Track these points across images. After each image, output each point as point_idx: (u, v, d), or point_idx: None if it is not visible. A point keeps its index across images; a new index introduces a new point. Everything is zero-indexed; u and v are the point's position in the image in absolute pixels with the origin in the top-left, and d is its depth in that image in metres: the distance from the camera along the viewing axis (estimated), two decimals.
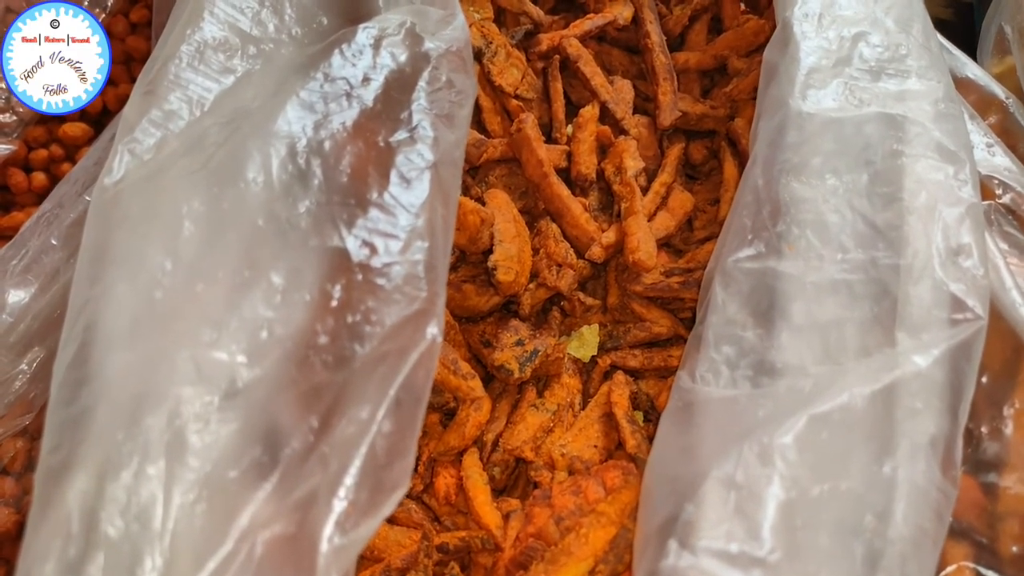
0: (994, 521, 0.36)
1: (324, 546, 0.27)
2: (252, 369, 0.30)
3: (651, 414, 0.45)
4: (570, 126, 0.53)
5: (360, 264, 0.33)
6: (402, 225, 0.34)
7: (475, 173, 0.51)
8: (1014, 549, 0.35)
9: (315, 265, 0.33)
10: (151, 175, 0.34)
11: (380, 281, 0.33)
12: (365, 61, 0.39)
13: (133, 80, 0.63)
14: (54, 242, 0.43)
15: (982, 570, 0.35)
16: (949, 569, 0.36)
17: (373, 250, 0.33)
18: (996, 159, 0.44)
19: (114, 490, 0.27)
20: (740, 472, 0.30)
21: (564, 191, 0.48)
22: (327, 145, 0.35)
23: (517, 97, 0.52)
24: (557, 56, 0.52)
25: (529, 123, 0.48)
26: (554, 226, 0.48)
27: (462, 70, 0.41)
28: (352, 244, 0.33)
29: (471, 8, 0.52)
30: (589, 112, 0.52)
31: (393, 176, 0.36)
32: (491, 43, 0.51)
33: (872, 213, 0.39)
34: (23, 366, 0.43)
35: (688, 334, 0.48)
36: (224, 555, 0.26)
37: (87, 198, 0.45)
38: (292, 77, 0.38)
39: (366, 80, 0.38)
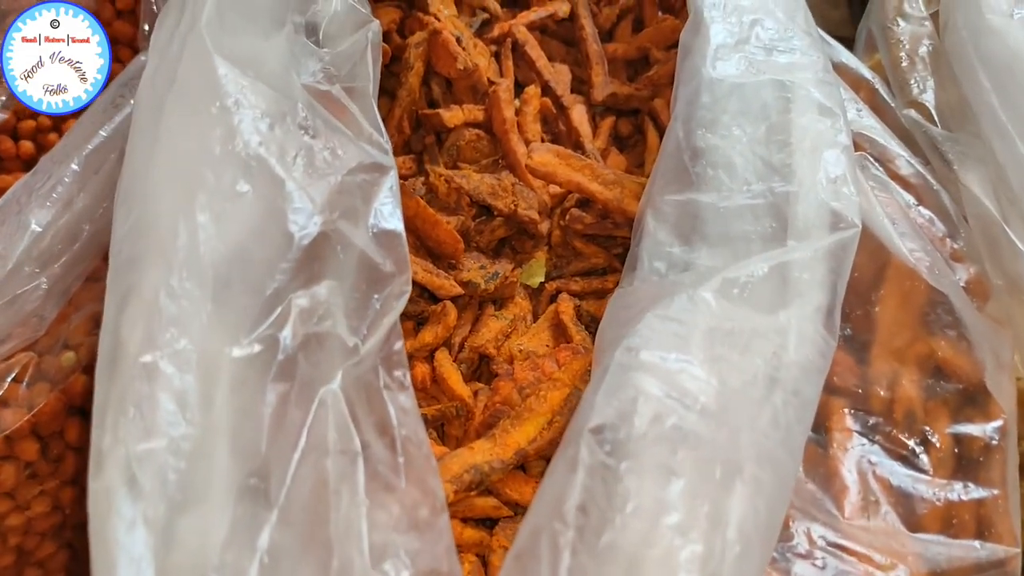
0: (866, 383, 0.45)
1: None
2: None
3: (592, 327, 0.53)
4: (517, 100, 0.62)
5: None
6: None
7: (447, 137, 0.59)
8: (882, 393, 0.45)
9: None
10: None
11: None
12: None
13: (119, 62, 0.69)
14: (75, 167, 0.49)
15: (857, 412, 0.44)
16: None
17: None
18: (864, 120, 0.55)
19: None
20: (673, 310, 0.38)
21: (521, 148, 0.57)
22: None
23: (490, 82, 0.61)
24: (509, 39, 0.61)
25: (503, 87, 0.57)
26: None
27: None
28: None
29: (441, 5, 0.61)
30: (533, 90, 0.62)
31: None
32: (461, 36, 0.60)
33: (769, 155, 0.49)
34: (42, 280, 0.48)
35: (620, 265, 0.57)
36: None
37: (102, 134, 0.50)
38: None
39: None
